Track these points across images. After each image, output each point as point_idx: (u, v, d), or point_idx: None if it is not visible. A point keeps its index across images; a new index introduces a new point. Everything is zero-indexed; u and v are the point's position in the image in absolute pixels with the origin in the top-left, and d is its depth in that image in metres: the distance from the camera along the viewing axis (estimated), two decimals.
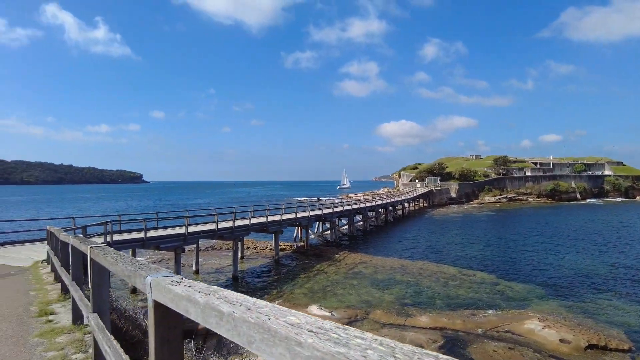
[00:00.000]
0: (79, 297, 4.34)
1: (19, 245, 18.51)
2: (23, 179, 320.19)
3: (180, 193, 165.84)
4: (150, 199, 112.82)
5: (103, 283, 3.49)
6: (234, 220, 25.83)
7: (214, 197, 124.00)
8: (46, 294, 7.72)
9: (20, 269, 12.08)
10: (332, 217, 37.71)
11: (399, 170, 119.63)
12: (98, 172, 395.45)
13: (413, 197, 69.44)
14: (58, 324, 5.61)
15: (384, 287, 21.45)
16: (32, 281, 9.56)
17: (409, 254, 30.94)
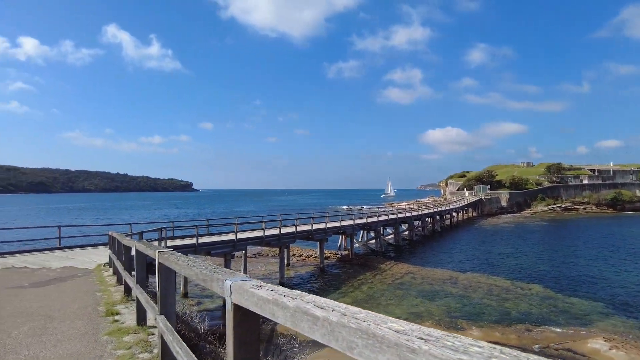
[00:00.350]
0: (145, 299, 4.56)
1: (83, 248, 19.74)
2: (85, 187, 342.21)
3: (227, 201, 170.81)
4: (199, 207, 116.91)
5: (170, 286, 3.65)
6: (280, 227, 26.19)
7: (259, 205, 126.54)
8: (111, 296, 8.17)
9: (85, 271, 12.86)
10: (377, 226, 37.28)
11: (445, 179, 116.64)
12: (151, 181, 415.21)
13: (461, 206, 67.36)
14: (124, 324, 5.92)
15: (432, 298, 20.87)
16: (97, 283, 10.15)
17: (458, 265, 29.96)
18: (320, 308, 1.19)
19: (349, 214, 38.01)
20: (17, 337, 5.51)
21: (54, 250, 18.93)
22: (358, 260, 31.41)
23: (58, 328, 5.90)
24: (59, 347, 5.04)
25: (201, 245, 20.47)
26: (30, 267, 14.30)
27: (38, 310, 7.12)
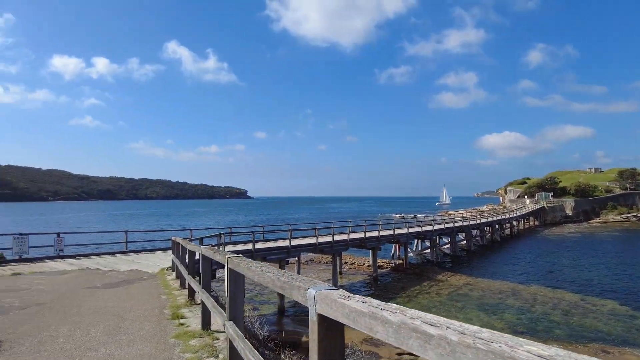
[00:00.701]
0: (212, 304, 4.64)
1: (147, 253, 20.82)
2: (147, 194, 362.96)
3: (280, 207, 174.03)
4: (254, 213, 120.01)
5: (238, 292, 3.67)
6: (333, 235, 26.14)
7: (311, 212, 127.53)
8: (175, 299, 8.47)
9: (150, 275, 13.50)
10: (432, 235, 36.14)
11: (504, 186, 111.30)
12: (208, 189, 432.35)
13: (522, 215, 63.87)
14: (189, 327, 6.09)
15: (493, 311, 19.83)
16: (161, 286, 10.59)
17: (520, 276, 28.31)
18: (432, 325, 1.08)
19: (402, 222, 37.23)
20: (95, 335, 5.83)
21: (122, 253, 20.11)
22: (413, 270, 30.60)
23: (130, 328, 6.18)
24: (131, 347, 5.27)
25: (257, 251, 20.82)
26: (101, 269, 15.26)
27: (111, 310, 7.53)
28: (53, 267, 15.35)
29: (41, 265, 16.18)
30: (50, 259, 17.83)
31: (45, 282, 11.82)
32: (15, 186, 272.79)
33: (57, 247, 18.41)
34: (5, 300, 8.80)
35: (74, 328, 6.24)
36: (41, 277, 12.84)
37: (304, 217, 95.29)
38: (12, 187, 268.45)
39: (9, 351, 5.23)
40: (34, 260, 17.40)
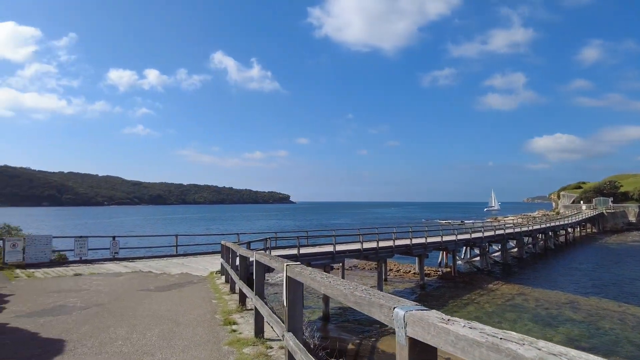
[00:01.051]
0: (268, 313, 4.52)
1: (196, 256, 21.34)
2: (195, 199, 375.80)
3: (322, 213, 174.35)
4: (297, 218, 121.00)
5: (297, 301, 3.52)
6: (378, 241, 25.68)
7: (353, 217, 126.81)
8: (226, 304, 8.50)
9: (200, 278, 13.75)
10: (482, 242, 34.72)
11: (557, 190, 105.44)
12: (253, 194, 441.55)
13: (578, 221, 60.11)
14: (241, 334, 6.03)
15: (550, 324, 18.63)
16: (211, 290, 10.71)
17: (578, 287, 26.51)
18: None
19: (450, 229, 36.04)
20: (151, 339, 5.91)
21: (172, 257, 20.72)
22: (461, 278, 29.51)
23: (183, 333, 6.22)
24: (186, 354, 5.27)
25: (302, 256, 20.77)
26: (153, 271, 15.75)
27: (165, 314, 7.65)
28: (109, 269, 16.02)
29: (99, 266, 16.94)
30: (107, 261, 18.65)
31: (103, 284, 12.32)
32: (76, 191, 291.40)
33: (113, 249, 19.25)
34: (69, 300, 9.21)
35: (131, 331, 6.36)
36: (99, 279, 13.40)
37: (346, 223, 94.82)
38: (74, 193, 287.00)
39: (73, 351, 5.39)
40: (93, 262, 18.27)
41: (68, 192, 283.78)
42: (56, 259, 17.71)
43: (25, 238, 16.81)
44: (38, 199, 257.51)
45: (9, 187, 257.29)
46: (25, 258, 16.45)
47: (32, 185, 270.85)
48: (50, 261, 17.16)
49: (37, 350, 5.53)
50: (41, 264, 16.70)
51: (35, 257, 16.76)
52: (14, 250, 16.22)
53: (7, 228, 18.43)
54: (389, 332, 17.58)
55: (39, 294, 10.43)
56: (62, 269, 16.00)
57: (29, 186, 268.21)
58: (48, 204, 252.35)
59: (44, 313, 7.88)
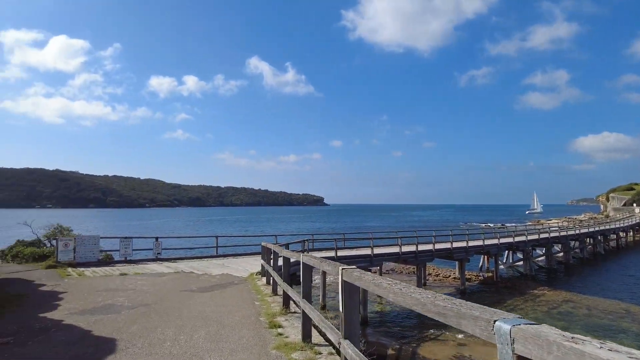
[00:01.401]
0: (319, 317, 4.36)
1: (236, 257, 21.58)
2: (232, 201, 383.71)
3: (356, 215, 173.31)
4: (331, 220, 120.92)
5: (354, 307, 3.34)
6: (417, 244, 25.12)
7: (388, 220, 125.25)
8: (269, 306, 8.42)
9: (240, 279, 13.82)
10: (525, 246, 33.28)
11: (606, 192, 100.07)
12: (287, 196, 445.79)
13: (631, 225, 56.60)
14: (288, 338, 5.90)
15: (606, 335, 17.47)
16: (253, 292, 10.70)
17: (634, 296, 24.83)
18: None
19: (491, 232, 34.81)
20: (198, 341, 5.89)
21: (212, 258, 21.05)
22: (504, 284, 28.39)
23: (230, 336, 6.17)
24: (234, 357, 5.20)
25: (340, 259, 20.55)
26: (195, 272, 16.00)
27: (210, 315, 7.67)
28: (153, 269, 16.42)
29: (143, 266, 17.41)
30: (150, 261, 19.16)
31: (147, 284, 12.60)
32: (120, 194, 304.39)
33: (156, 250, 19.77)
34: (117, 299, 9.45)
35: (178, 332, 6.38)
36: (144, 279, 13.74)
37: (381, 225, 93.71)
38: (118, 195, 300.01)
39: (125, 351, 5.45)
40: (137, 262, 18.82)
41: (112, 195, 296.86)
42: (103, 258, 18.36)
43: (76, 238, 17.54)
44: (85, 201, 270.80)
45: (59, 190, 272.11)
46: (76, 257, 17.14)
47: (80, 188, 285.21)
48: (98, 261, 17.81)
49: (91, 348, 5.63)
50: (90, 263, 17.35)
51: (85, 256, 17.44)
52: (66, 250, 16.95)
53: (60, 228, 19.30)
54: (430, 338, 17.04)
55: (89, 292, 10.78)
56: (109, 269, 16.55)
57: (77, 189, 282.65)
58: (94, 206, 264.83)
59: (95, 311, 8.09)
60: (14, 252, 18.07)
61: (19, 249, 18.04)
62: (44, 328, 6.81)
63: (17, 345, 5.93)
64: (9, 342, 6.10)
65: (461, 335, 17.69)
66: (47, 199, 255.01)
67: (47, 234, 19.23)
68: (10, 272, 15.06)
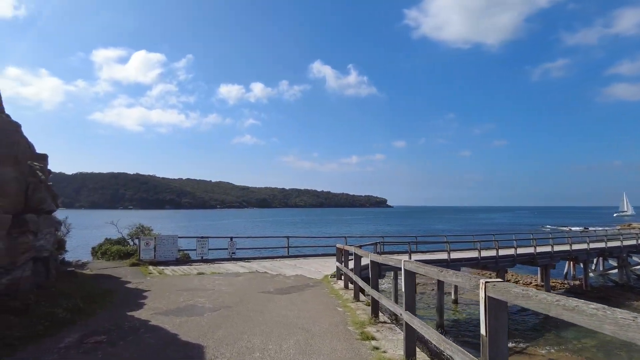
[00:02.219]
0: (438, 337, 3.67)
1: (306, 258, 21.33)
2: (296, 203, 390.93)
3: (421, 217, 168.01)
4: (396, 222, 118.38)
5: (501, 329, 2.64)
6: (497, 248, 23.41)
7: (457, 223, 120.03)
8: (354, 313, 7.87)
9: (315, 282, 13.43)
10: (620, 252, 29.91)
11: None
12: (350, 197, 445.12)
13: None
14: (386, 354, 5.28)
15: None
16: (332, 296, 10.21)
17: None
18: None
19: (578, 237, 31.71)
20: (289, 352, 5.45)
21: (284, 258, 20.98)
22: (595, 294, 25.62)
23: (321, 347, 5.67)
24: None
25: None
26: (269, 272, 15.91)
27: (295, 321, 7.26)
28: (228, 269, 16.58)
29: (218, 266, 17.68)
30: (225, 260, 19.47)
31: (225, 284, 12.60)
32: (193, 196, 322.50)
33: (230, 250, 20.06)
34: (198, 300, 9.41)
35: (265, 340, 6.00)
36: (220, 278, 13.81)
37: (450, 228, 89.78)
38: (191, 197, 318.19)
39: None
40: (212, 261, 19.20)
41: (186, 197, 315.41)
42: (181, 257, 18.94)
43: (156, 238, 18.25)
44: (162, 203, 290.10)
45: (139, 193, 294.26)
46: (156, 256, 17.81)
47: (157, 191, 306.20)
48: (176, 260, 18.39)
49: (179, 354, 5.41)
50: (169, 262, 17.95)
51: (164, 255, 18.07)
52: (147, 249, 17.68)
53: (142, 228, 20.27)
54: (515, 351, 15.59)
55: (170, 291, 10.93)
56: (187, 268, 16.98)
57: (154, 191, 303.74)
58: (170, 207, 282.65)
59: (179, 312, 8.04)
60: (103, 249, 19.23)
61: (107, 247, 19.17)
62: (133, 328, 6.79)
63: (110, 345, 5.90)
64: (103, 340, 6.11)
65: (545, 350, 15.99)
66: (128, 201, 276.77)
67: (130, 233, 20.26)
68: (101, 268, 15.93)
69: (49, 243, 9.16)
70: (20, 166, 7.51)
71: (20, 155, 7.50)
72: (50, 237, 9.30)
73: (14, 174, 7.18)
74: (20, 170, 7.56)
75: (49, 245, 9.21)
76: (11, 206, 7.19)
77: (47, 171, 11.75)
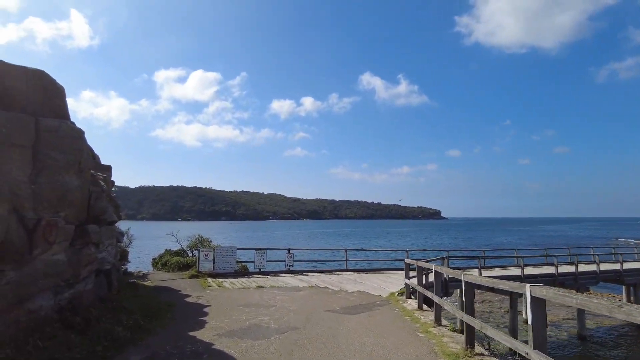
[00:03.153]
0: None
1: (366, 272, 20.22)
2: (346, 214, 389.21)
3: (481, 229, 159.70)
4: (452, 235, 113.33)
5: None
6: (577, 264, 21.10)
7: (518, 235, 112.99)
8: (440, 341, 6.77)
9: (382, 300, 12.36)
10: None
11: None
12: (401, 209, 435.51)
13: None
14: None
15: None
16: (407, 318, 9.12)
17: None
18: None
19: None
20: None
21: (342, 272, 20.02)
22: None
23: None
24: None
25: None
26: (329, 287, 15.03)
27: (374, 350, 6.29)
28: (287, 283, 15.90)
29: (276, 279, 17.08)
30: (283, 273, 18.86)
31: (287, 299, 11.89)
32: (247, 207, 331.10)
33: (288, 262, 19.44)
34: (261, 319, 8.71)
35: None
36: (281, 293, 13.13)
37: (514, 241, 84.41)
38: (245, 208, 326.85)
39: None
40: (270, 273, 18.66)
41: (240, 208, 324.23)
42: (239, 269, 18.58)
43: (215, 249, 18.00)
44: (218, 214, 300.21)
45: (197, 205, 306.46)
46: (215, 267, 17.54)
47: (214, 203, 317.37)
48: (234, 272, 18.03)
49: None
50: (227, 274, 17.62)
51: (223, 267, 17.77)
52: (206, 260, 17.45)
53: (201, 239, 20.20)
54: None
55: (231, 307, 10.35)
56: (245, 280, 16.52)
57: (211, 203, 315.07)
58: (225, 219, 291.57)
59: (243, 333, 7.34)
60: (163, 260, 19.32)
61: (167, 258, 19.22)
62: (196, 353, 6.14)
63: None
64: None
65: None
66: (187, 213, 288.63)
67: (189, 244, 20.25)
68: (161, 280, 15.84)
69: (110, 255, 8.89)
70: (83, 174, 7.24)
71: (83, 163, 7.23)
72: (112, 248, 9.04)
73: (77, 182, 6.88)
74: (83, 178, 7.28)
75: (111, 257, 8.94)
76: (74, 216, 6.91)
77: (110, 182, 11.71)
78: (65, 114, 7.59)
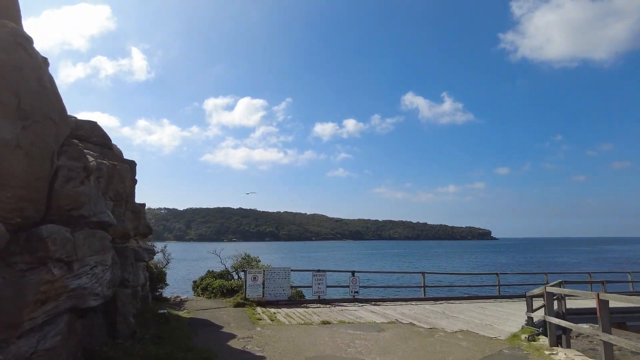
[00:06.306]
0: None
1: (451, 302, 16.14)
2: (390, 235, 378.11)
3: (535, 251, 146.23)
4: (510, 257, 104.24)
5: None
6: None
7: (584, 256, 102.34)
8: None
9: (504, 345, 8.48)
10: None
11: None
12: (448, 229, 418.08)
13: None
14: None
15: None
16: None
17: None
18: None
19: None
20: None
21: (420, 301, 16.07)
22: None
23: None
24: None
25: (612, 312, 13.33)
26: (417, 324, 11.23)
27: None
28: (359, 317, 12.25)
29: (342, 310, 13.49)
30: (347, 302, 15.21)
31: (370, 346, 8.29)
32: (291, 228, 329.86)
33: (352, 288, 15.75)
34: None
35: None
36: (358, 335, 9.50)
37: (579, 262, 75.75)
38: (289, 229, 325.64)
39: None
40: (332, 302, 15.05)
41: (284, 229, 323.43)
42: (293, 295, 15.16)
43: (265, 271, 14.69)
44: (262, 235, 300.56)
45: (242, 226, 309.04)
46: (265, 294, 14.22)
47: (258, 223, 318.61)
48: (288, 299, 14.62)
49: None
50: (280, 302, 14.25)
51: (274, 293, 14.40)
52: (254, 285, 14.16)
53: (247, 259, 17.02)
54: None
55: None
56: (303, 311, 13.06)
57: (255, 224, 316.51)
58: (269, 239, 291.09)
59: None
60: (204, 284, 16.25)
61: (209, 281, 16.12)
62: None
63: None
64: None
65: None
66: (232, 234, 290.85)
67: (234, 264, 17.09)
68: (200, 309, 12.72)
69: (99, 281, 5.59)
70: (31, 125, 4.14)
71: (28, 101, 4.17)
72: (102, 269, 5.76)
73: (14, 134, 3.79)
74: (33, 132, 4.19)
75: (102, 284, 5.62)
76: (10, 207, 3.84)
77: (130, 179, 8.73)
78: None
